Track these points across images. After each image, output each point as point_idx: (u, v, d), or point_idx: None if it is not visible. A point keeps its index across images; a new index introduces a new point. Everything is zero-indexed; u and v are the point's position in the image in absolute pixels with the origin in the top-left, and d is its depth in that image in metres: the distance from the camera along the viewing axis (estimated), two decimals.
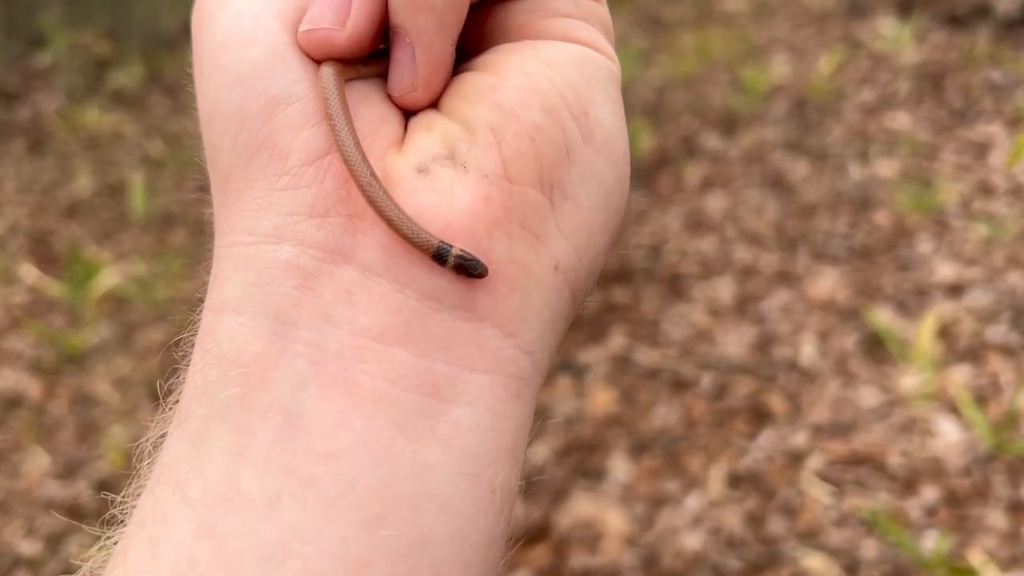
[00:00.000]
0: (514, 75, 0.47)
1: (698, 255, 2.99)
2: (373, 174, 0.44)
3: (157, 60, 4.96)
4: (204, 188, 0.51)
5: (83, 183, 3.96)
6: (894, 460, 2.16)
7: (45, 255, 3.47)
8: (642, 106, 3.99)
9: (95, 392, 2.76)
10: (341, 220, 0.44)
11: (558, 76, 0.47)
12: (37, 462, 2.53)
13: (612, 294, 2.86)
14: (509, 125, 0.45)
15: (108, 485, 1.75)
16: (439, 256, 0.43)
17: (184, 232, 3.56)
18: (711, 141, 3.69)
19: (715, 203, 3.27)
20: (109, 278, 3.15)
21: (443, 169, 0.45)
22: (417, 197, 0.44)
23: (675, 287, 2.86)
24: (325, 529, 0.39)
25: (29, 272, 3.35)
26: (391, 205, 0.43)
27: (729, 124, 3.79)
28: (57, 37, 4.96)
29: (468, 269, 0.43)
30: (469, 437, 0.42)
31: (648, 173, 3.50)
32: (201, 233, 3.38)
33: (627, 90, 0.51)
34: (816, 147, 3.51)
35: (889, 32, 4.25)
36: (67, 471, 2.49)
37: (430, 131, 0.47)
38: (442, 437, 0.42)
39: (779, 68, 4.17)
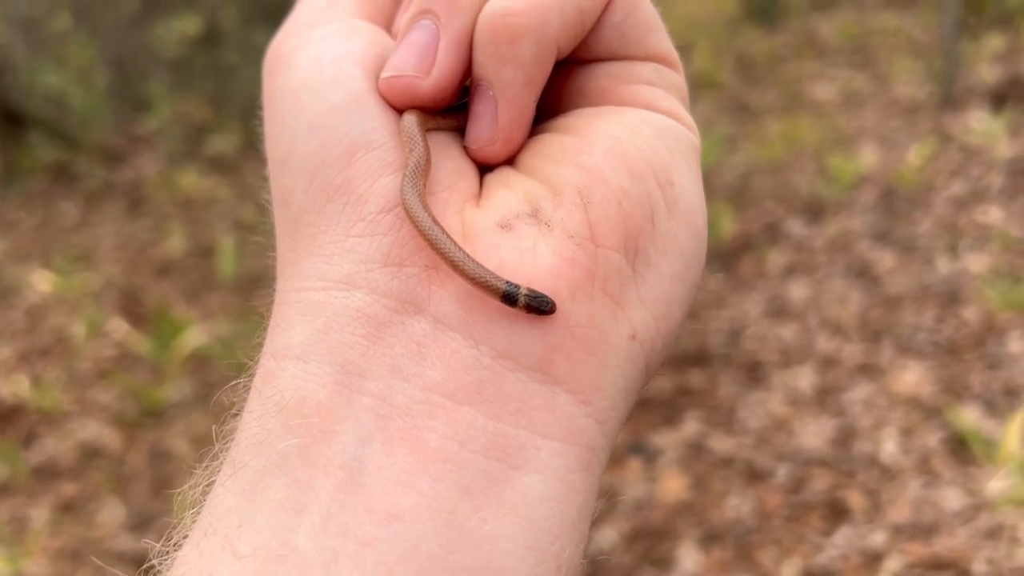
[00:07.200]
0: (602, 139, 0.46)
1: (778, 342, 2.94)
2: (435, 219, 0.43)
3: (254, 128, 5.13)
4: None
5: (176, 243, 4.09)
6: (979, 568, 2.06)
7: (135, 311, 3.57)
8: (726, 191, 3.97)
9: (173, 448, 2.81)
10: (416, 271, 0.43)
11: (644, 143, 0.47)
12: (112, 513, 2.57)
13: (688, 377, 2.82)
14: (597, 188, 0.45)
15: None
16: (508, 297, 0.41)
17: (270, 296, 3.60)
18: (795, 228, 3.65)
19: (797, 291, 3.22)
20: (194, 337, 3.22)
21: (527, 227, 0.44)
22: (499, 252, 0.43)
23: (753, 374, 2.81)
24: None
25: (119, 327, 3.45)
26: (454, 248, 0.42)
27: (814, 212, 3.75)
28: (162, 104, 5.18)
29: (538, 307, 0.41)
30: (537, 508, 0.40)
31: (730, 257, 3.47)
32: None
33: (711, 174, 0.50)
34: (903, 238, 3.44)
35: (982, 125, 4.18)
36: (140, 524, 2.53)
37: (510, 188, 0.46)
38: (510, 505, 0.39)
39: (867, 158, 4.13)
